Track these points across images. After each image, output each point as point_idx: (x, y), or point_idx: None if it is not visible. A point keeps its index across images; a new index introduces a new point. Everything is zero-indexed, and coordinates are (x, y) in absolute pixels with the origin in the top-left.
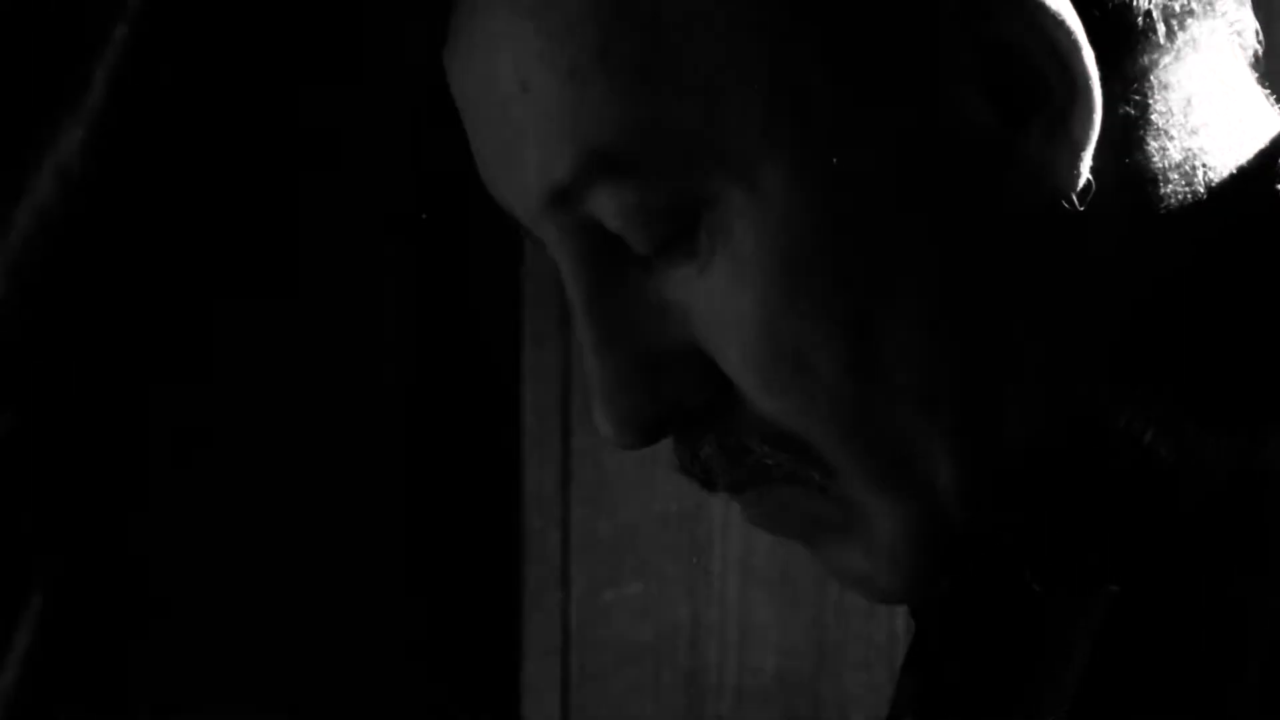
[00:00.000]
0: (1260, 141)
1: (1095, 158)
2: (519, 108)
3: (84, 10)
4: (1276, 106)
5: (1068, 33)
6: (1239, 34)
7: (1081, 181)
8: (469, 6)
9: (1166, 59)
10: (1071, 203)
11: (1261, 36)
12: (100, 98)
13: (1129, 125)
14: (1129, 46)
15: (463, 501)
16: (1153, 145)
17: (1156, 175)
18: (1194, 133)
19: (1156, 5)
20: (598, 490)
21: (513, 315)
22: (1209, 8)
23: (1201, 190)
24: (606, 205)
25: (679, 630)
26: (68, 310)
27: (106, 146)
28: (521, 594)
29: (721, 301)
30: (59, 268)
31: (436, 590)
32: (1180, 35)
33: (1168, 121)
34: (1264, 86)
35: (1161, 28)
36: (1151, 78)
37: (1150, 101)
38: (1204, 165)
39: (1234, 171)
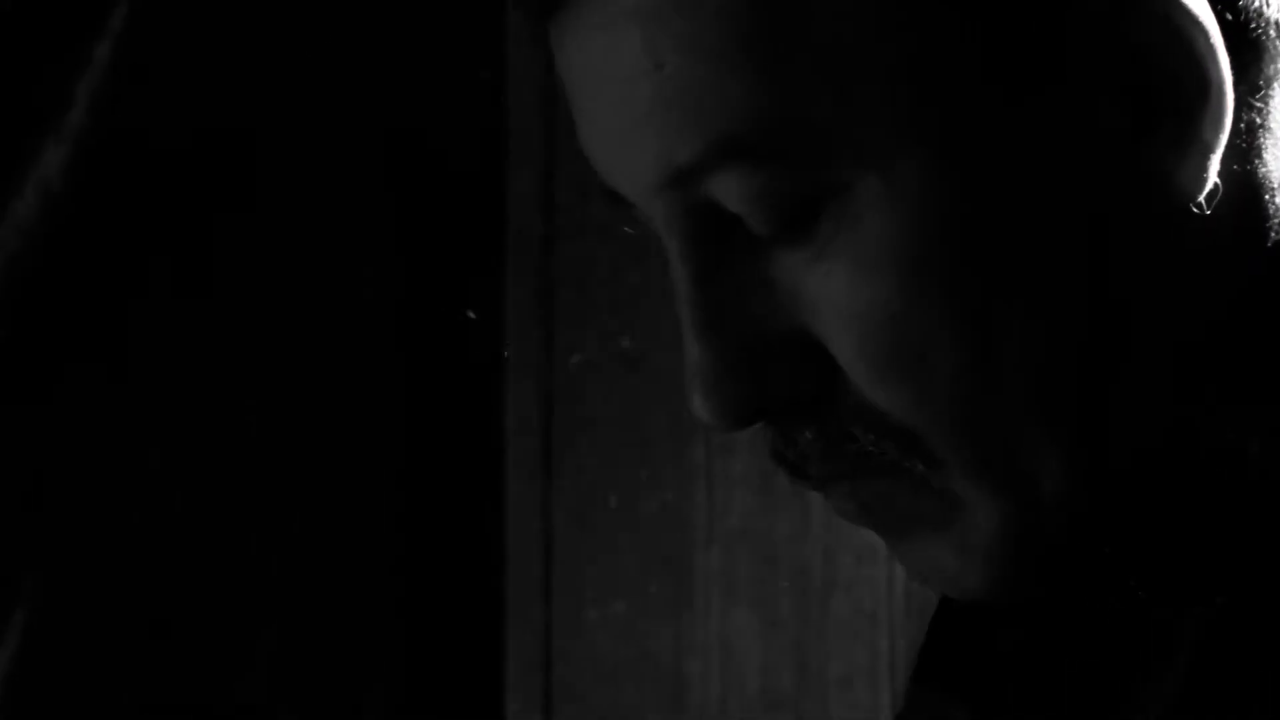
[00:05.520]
0: None
1: (1219, 163)
2: (647, 87)
3: (66, 29)
4: None
5: (1205, 34)
6: None
7: (1209, 186)
8: None
9: None
10: (1199, 206)
11: None
12: (82, 116)
13: (1251, 132)
14: (1256, 54)
15: (445, 520)
16: (1271, 154)
17: (1274, 185)
18: None
19: None
20: (581, 507)
21: (496, 329)
22: None
23: None
24: (731, 189)
25: (661, 648)
26: (49, 320)
27: (88, 164)
28: (504, 611)
29: (841, 289)
30: (42, 281)
31: (418, 607)
32: None
33: None
34: None
35: None
36: (1275, 85)
37: (1272, 109)
38: None
39: None
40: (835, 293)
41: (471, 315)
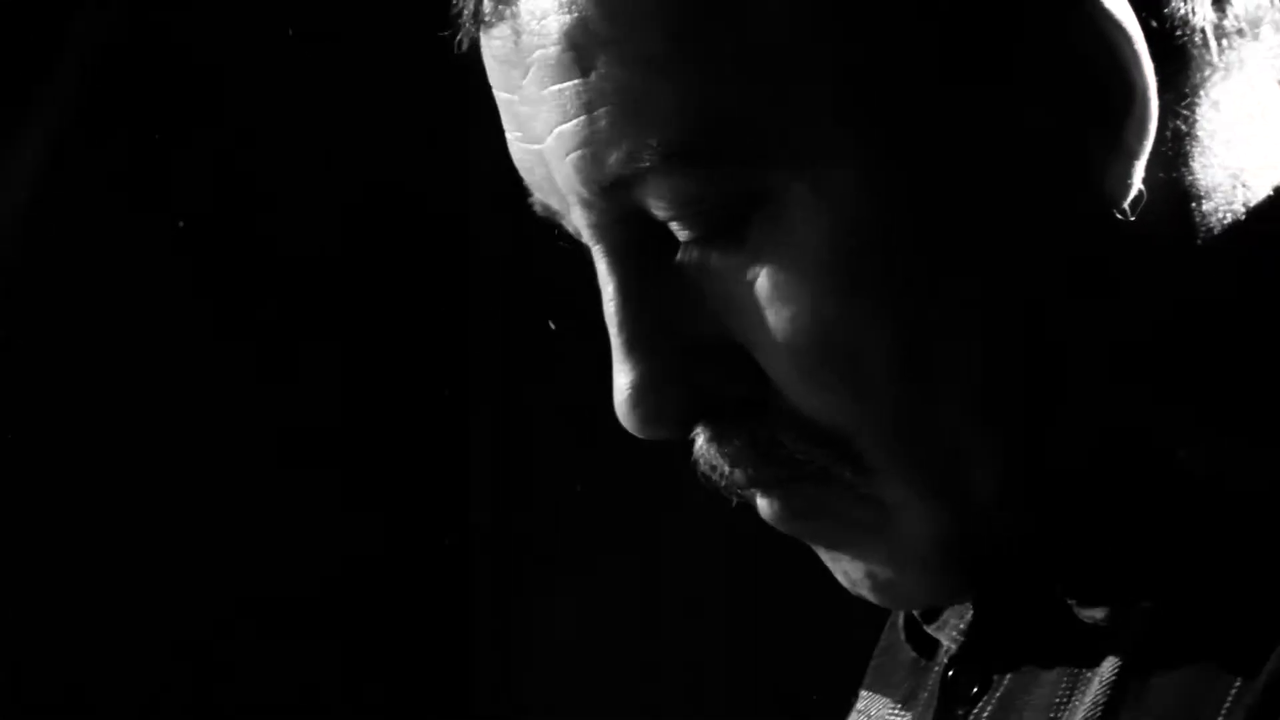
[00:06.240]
0: None
1: (1145, 170)
2: (576, 94)
3: (31, 46)
4: None
5: (1129, 41)
6: (1276, 58)
7: (1133, 192)
8: None
9: (1216, 76)
10: (1124, 213)
11: None
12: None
13: (1178, 139)
14: (1182, 62)
15: (411, 525)
16: (1198, 162)
17: (1201, 192)
18: (1235, 151)
19: (1209, 23)
20: (548, 509)
21: (459, 326)
22: (1254, 30)
23: (1241, 209)
24: (661, 195)
25: (630, 660)
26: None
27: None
28: (470, 625)
29: (771, 294)
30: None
31: (385, 610)
32: (1229, 54)
33: (1213, 139)
34: None
35: (1213, 45)
36: (1201, 94)
37: (1198, 117)
38: (1244, 184)
39: (1271, 192)
40: (766, 298)
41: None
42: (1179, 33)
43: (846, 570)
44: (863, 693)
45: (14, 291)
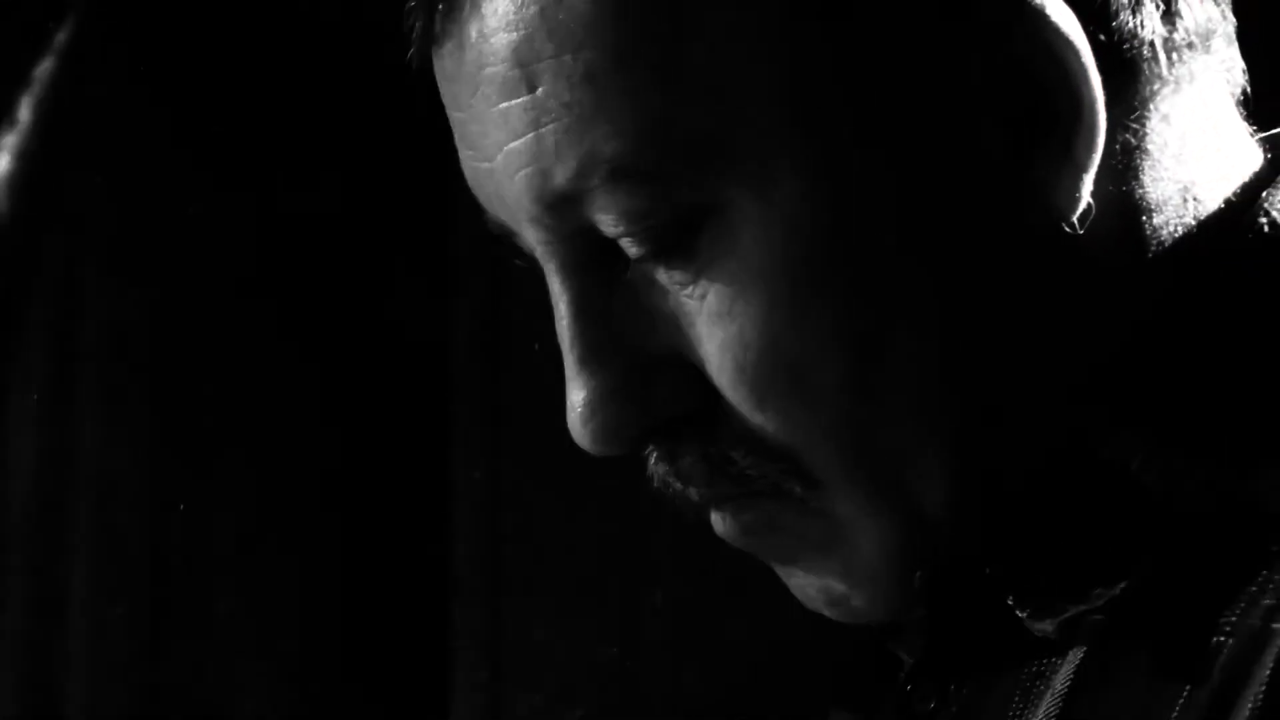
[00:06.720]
0: (1244, 176)
1: (1094, 183)
2: (523, 111)
3: (10, 42)
4: (1257, 142)
5: (1076, 55)
6: (1228, 71)
7: (1082, 206)
8: (467, 4)
9: (1166, 90)
10: (1072, 226)
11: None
12: (27, 128)
13: (1128, 153)
14: (1132, 75)
15: (391, 529)
16: (1149, 175)
17: (1151, 206)
18: (1186, 165)
19: (1159, 36)
20: (529, 527)
21: (440, 340)
22: (1205, 43)
23: (1192, 223)
24: (609, 211)
25: (610, 669)
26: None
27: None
28: (452, 633)
29: (719, 309)
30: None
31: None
32: (1179, 68)
33: (1163, 152)
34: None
35: (1163, 58)
36: (1151, 107)
37: (1148, 131)
38: (1194, 198)
39: (1221, 206)
40: (714, 313)
41: None
42: (1128, 46)
43: (801, 585)
44: (833, 706)
45: None
